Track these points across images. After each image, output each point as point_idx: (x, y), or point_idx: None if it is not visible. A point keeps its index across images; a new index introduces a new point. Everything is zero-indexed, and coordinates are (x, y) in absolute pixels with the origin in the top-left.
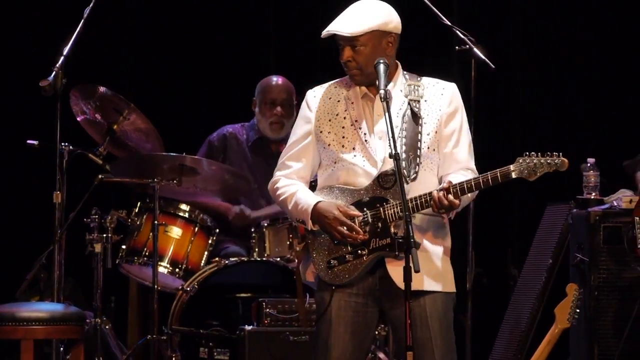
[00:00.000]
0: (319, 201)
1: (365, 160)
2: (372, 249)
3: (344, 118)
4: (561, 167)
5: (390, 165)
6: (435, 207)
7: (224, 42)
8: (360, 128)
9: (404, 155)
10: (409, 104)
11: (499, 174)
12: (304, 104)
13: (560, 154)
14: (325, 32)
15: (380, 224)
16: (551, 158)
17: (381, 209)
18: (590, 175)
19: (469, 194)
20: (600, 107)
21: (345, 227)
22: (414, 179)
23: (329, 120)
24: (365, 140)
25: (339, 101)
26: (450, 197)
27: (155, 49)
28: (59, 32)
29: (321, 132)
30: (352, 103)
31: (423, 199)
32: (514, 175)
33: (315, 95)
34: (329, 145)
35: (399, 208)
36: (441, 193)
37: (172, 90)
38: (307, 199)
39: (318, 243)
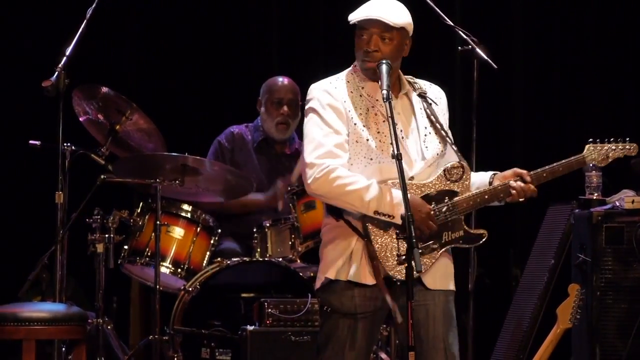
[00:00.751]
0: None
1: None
2: (444, 242)
3: (375, 114)
4: (633, 152)
5: (432, 161)
6: (517, 197)
7: (226, 42)
8: (396, 124)
9: (455, 148)
10: (421, 97)
11: (574, 162)
12: (323, 94)
13: (628, 139)
14: (364, 15)
15: (450, 221)
16: (623, 144)
17: (455, 201)
18: (592, 176)
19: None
20: (603, 106)
21: (431, 222)
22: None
23: (360, 115)
24: (402, 137)
25: (361, 96)
26: (532, 186)
27: (158, 49)
28: (61, 33)
29: (355, 124)
30: (377, 100)
31: (500, 189)
32: (587, 162)
33: (335, 87)
34: (366, 140)
35: (472, 202)
36: (521, 183)
37: (174, 90)
38: (396, 193)
39: (381, 242)
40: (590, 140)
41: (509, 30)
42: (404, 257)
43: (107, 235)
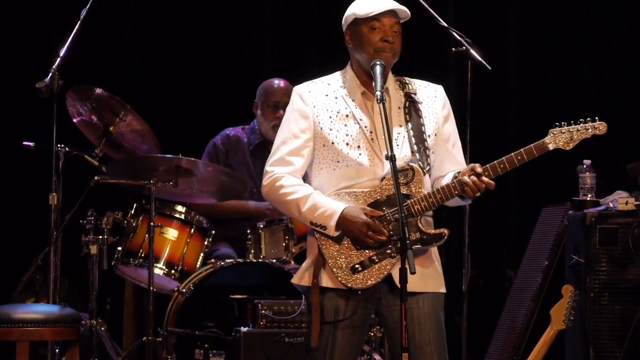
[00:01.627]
0: (346, 206)
1: (371, 159)
2: (400, 248)
3: (347, 116)
4: (600, 130)
5: (400, 163)
6: (472, 192)
7: (220, 44)
8: (366, 127)
9: (415, 148)
10: (406, 97)
11: (533, 148)
12: (296, 98)
13: (597, 118)
14: (382, 8)
15: (405, 221)
16: (591, 123)
17: (406, 205)
18: (586, 177)
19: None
20: (596, 108)
21: (375, 232)
22: (429, 171)
23: (330, 117)
24: (372, 139)
25: (336, 98)
26: (485, 179)
27: (152, 51)
28: (55, 34)
29: (322, 128)
30: (353, 101)
31: (452, 186)
32: (550, 147)
33: (310, 91)
34: (332, 143)
35: (425, 203)
36: (473, 177)
37: (168, 91)
38: (331, 203)
39: (335, 248)
40: (556, 124)
41: (503, 31)
42: (358, 266)
43: (100, 237)
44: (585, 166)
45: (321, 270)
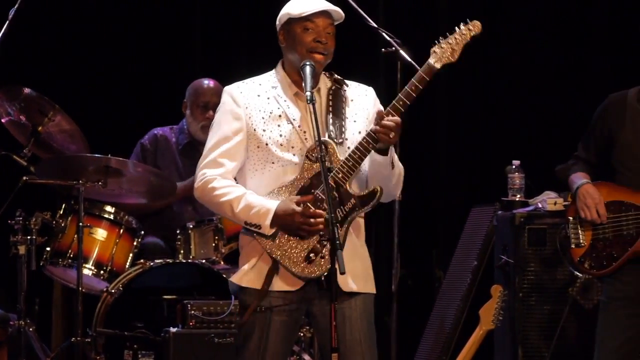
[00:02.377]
0: (278, 203)
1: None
2: (344, 217)
3: (279, 116)
4: (475, 29)
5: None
6: (385, 136)
7: (150, 43)
8: (299, 126)
9: (331, 122)
10: (335, 95)
11: (422, 73)
12: (227, 99)
13: (468, 19)
14: (315, 8)
15: (337, 194)
16: (462, 27)
17: (330, 177)
18: (515, 177)
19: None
20: (525, 109)
21: (309, 218)
22: (341, 143)
23: (262, 119)
24: (305, 139)
25: (268, 98)
26: (390, 117)
27: (81, 50)
28: None
29: (255, 130)
30: (285, 101)
31: (365, 142)
32: (438, 66)
33: (241, 92)
34: (265, 144)
35: (346, 167)
36: (383, 122)
37: (97, 91)
38: (264, 202)
39: (281, 243)
40: (435, 42)
41: (432, 32)
42: (311, 255)
43: (29, 237)
44: (514, 167)
45: (274, 274)
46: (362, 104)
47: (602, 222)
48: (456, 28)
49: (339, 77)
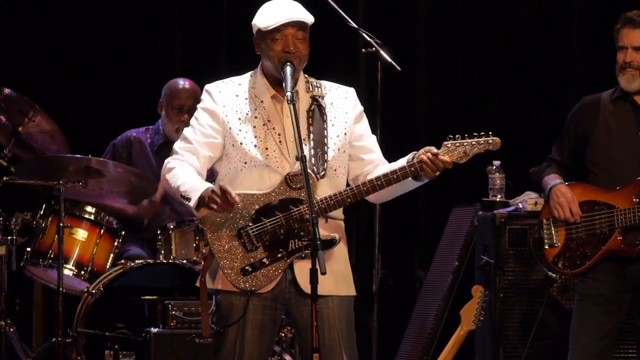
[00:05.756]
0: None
1: (279, 161)
2: (291, 251)
3: (255, 117)
4: (494, 146)
5: (295, 168)
6: (431, 171)
7: (130, 43)
8: (274, 128)
9: (312, 152)
10: (313, 100)
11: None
12: (207, 97)
13: (491, 132)
14: (280, 20)
15: (296, 225)
16: (485, 138)
17: (298, 209)
18: (495, 178)
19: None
20: (506, 109)
21: (218, 195)
22: (323, 176)
23: (239, 119)
24: (280, 141)
25: (246, 99)
26: (442, 157)
27: (61, 51)
28: None
29: (231, 129)
30: (262, 102)
31: (372, 183)
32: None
33: (220, 91)
34: (240, 144)
35: (317, 207)
36: (429, 154)
37: (77, 92)
38: (201, 182)
39: (224, 250)
40: (450, 136)
41: (412, 32)
42: (248, 268)
43: (9, 237)
44: (494, 167)
45: (217, 271)
46: (342, 107)
47: (576, 220)
48: (475, 134)
49: (316, 81)
